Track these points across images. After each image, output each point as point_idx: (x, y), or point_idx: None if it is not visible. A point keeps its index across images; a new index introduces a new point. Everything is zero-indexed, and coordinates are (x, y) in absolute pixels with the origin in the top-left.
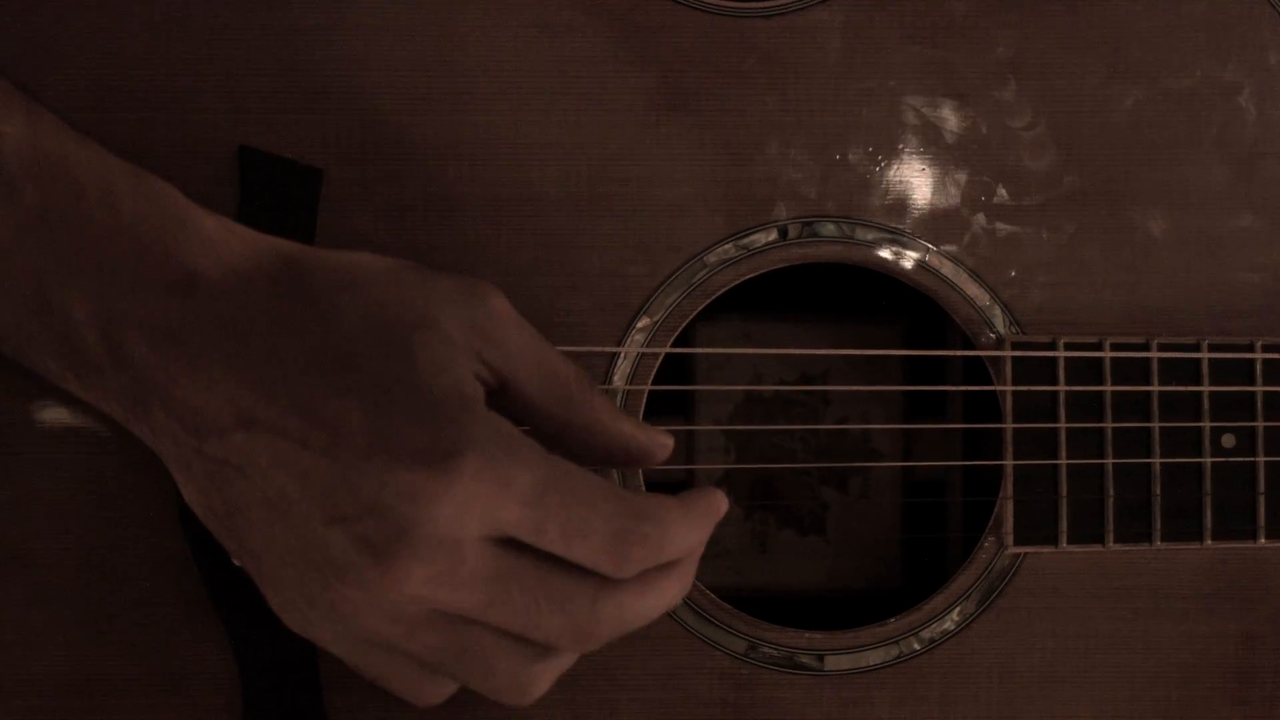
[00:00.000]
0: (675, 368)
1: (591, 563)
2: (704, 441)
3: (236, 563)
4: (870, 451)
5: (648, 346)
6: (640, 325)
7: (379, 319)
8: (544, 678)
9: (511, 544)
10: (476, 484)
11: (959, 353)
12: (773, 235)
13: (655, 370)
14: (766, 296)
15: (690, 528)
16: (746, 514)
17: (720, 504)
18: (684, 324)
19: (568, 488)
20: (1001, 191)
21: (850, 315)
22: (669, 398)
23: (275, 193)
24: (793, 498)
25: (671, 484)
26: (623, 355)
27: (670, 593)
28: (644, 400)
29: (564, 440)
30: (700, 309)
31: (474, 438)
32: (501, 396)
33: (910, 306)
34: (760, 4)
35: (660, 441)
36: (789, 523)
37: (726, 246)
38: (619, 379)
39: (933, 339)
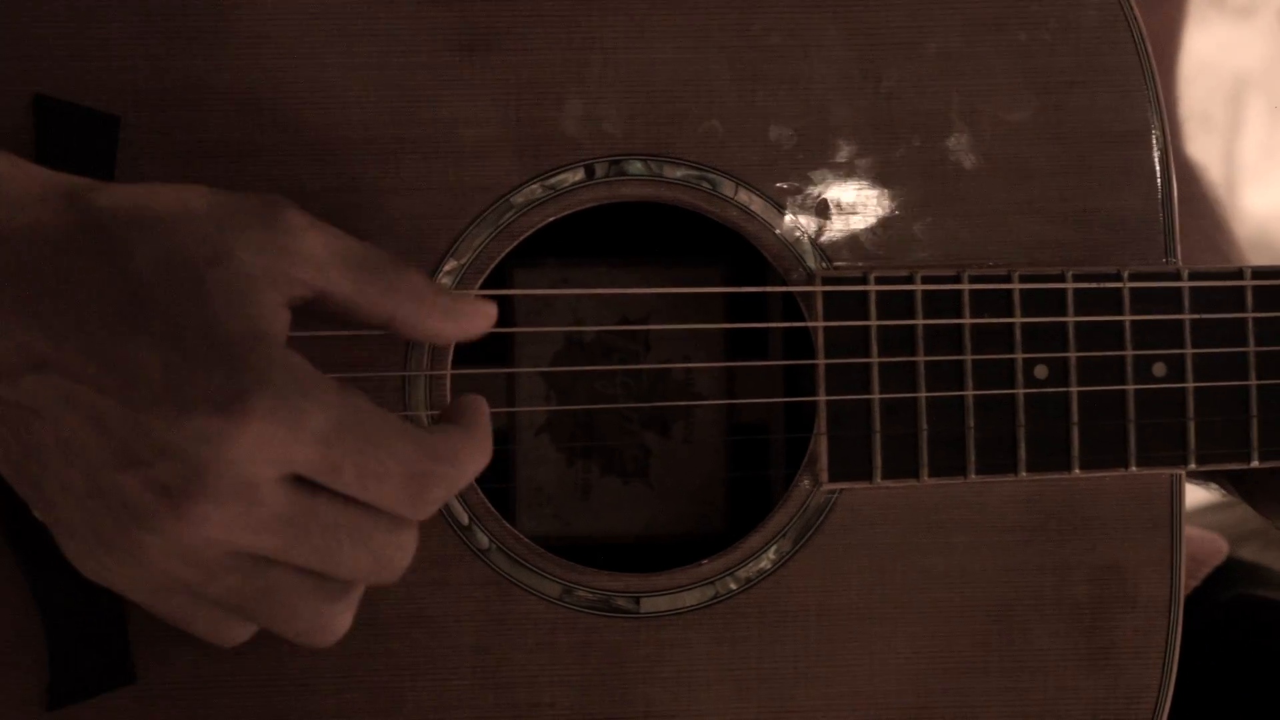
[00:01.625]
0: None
1: (389, 505)
2: (524, 386)
3: (36, 514)
4: (693, 393)
5: (456, 289)
6: (448, 268)
7: (170, 257)
8: (346, 615)
9: (309, 484)
10: (270, 425)
11: (766, 289)
12: (580, 174)
13: None
14: (586, 239)
15: (480, 453)
16: (569, 460)
17: (485, 409)
18: (492, 265)
19: (363, 428)
20: (811, 126)
21: (671, 255)
22: (486, 342)
23: (72, 142)
24: (615, 442)
25: (492, 431)
26: None
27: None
28: (452, 347)
29: (394, 327)
30: (509, 250)
31: (268, 379)
32: (322, 304)
33: (731, 244)
34: None
35: (484, 310)
36: (611, 469)
37: (533, 187)
38: None
39: (755, 276)
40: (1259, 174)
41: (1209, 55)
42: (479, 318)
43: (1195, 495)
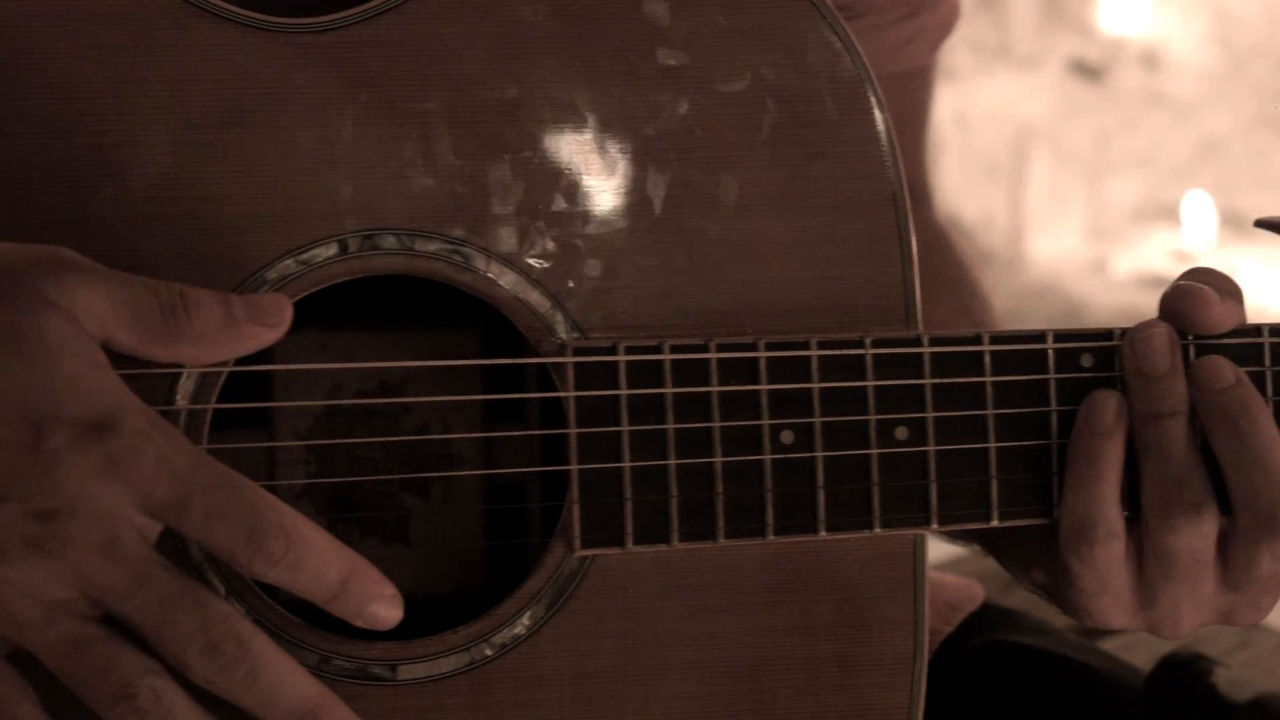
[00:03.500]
0: (254, 383)
1: (228, 548)
2: (284, 456)
3: None
4: (451, 459)
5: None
6: None
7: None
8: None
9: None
10: (133, 460)
11: (516, 360)
12: (333, 249)
13: (219, 387)
14: (348, 306)
15: (331, 557)
16: (330, 525)
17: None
18: None
19: (218, 474)
20: (560, 199)
21: (432, 322)
22: (247, 414)
23: None
24: (375, 508)
25: None
26: (185, 374)
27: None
28: (208, 418)
29: (181, 363)
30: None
31: (126, 419)
32: (109, 350)
33: (490, 313)
34: (313, 20)
35: (274, 320)
36: (372, 532)
37: (287, 262)
38: (182, 398)
39: (515, 343)
40: (1045, 222)
41: (995, 106)
42: (265, 334)
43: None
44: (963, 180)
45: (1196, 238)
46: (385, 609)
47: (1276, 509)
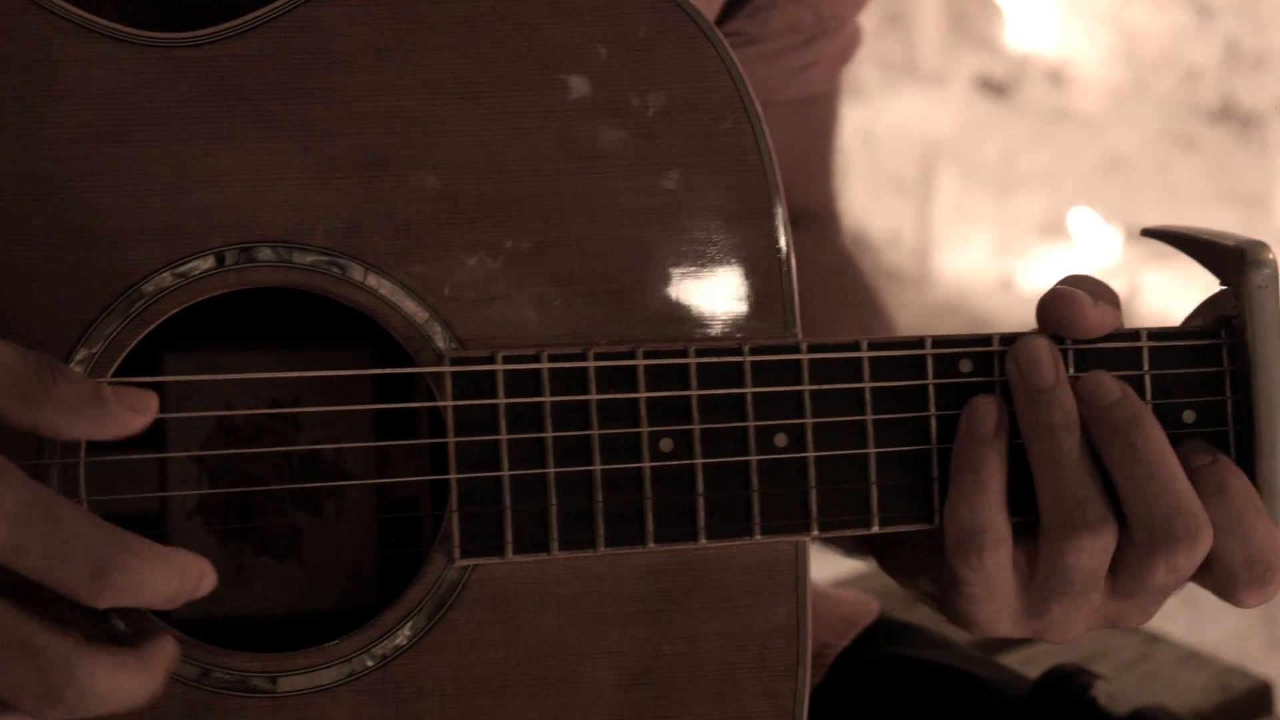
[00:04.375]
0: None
1: (70, 585)
2: (176, 471)
3: None
4: (343, 472)
5: (89, 377)
6: (79, 357)
7: None
8: None
9: None
10: None
11: (393, 370)
12: (210, 262)
13: None
14: (238, 320)
15: (170, 570)
16: (222, 542)
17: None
18: (124, 354)
19: (52, 511)
20: (437, 210)
21: (323, 336)
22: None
23: None
24: (267, 522)
25: (143, 515)
26: None
27: (142, 681)
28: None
29: (40, 433)
30: (141, 338)
31: None
32: None
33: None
34: (188, 34)
35: (137, 411)
36: (265, 549)
37: (164, 275)
38: None
39: (406, 356)
40: (952, 238)
41: (902, 123)
42: (131, 419)
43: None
44: (870, 197)
45: (1090, 253)
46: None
47: (1172, 522)
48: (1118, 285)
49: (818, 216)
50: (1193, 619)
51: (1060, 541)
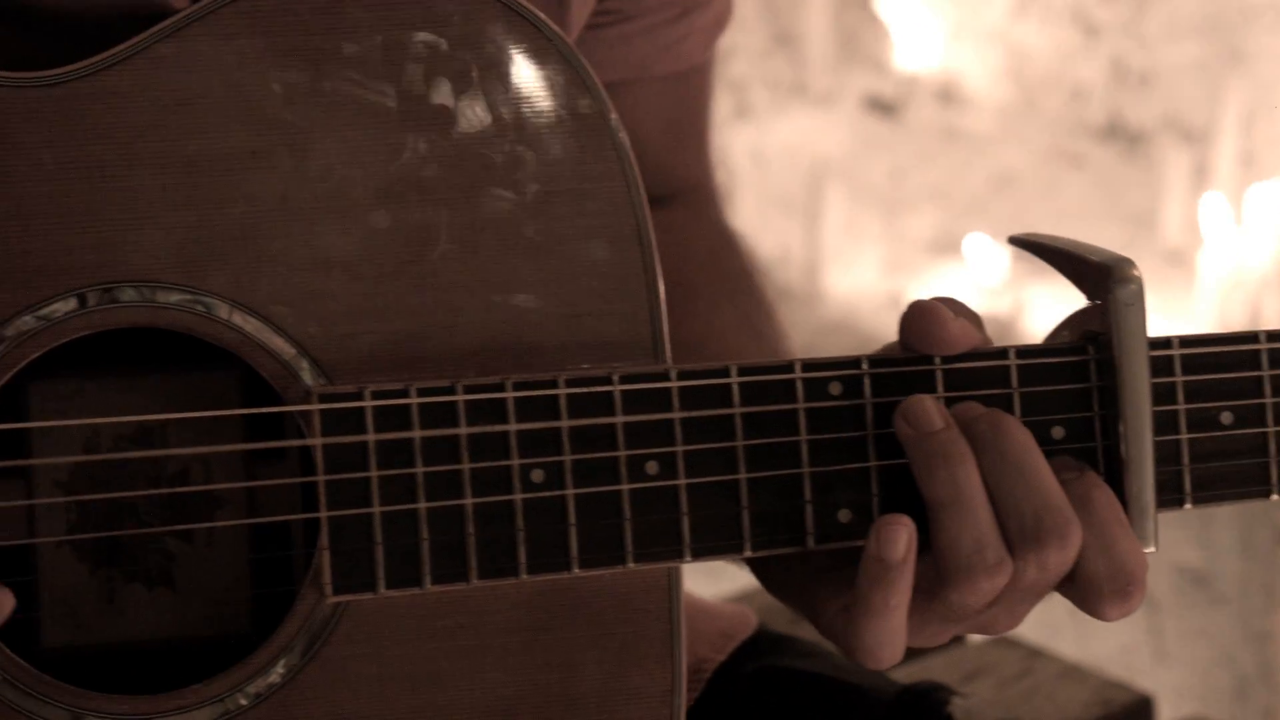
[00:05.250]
0: (10, 438)
1: None
2: (44, 508)
3: None
4: (213, 506)
5: None
6: None
7: None
8: None
9: None
10: None
11: (257, 410)
12: (72, 304)
13: None
14: (108, 352)
15: None
16: (92, 571)
17: None
18: None
19: None
20: (300, 245)
21: (193, 370)
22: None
23: None
24: (138, 557)
25: (12, 553)
26: None
27: None
28: None
29: None
30: (5, 381)
31: None
32: None
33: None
34: (41, 74)
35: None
36: (135, 577)
37: (25, 319)
38: None
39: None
40: (841, 257)
41: (791, 143)
42: None
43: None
44: (759, 217)
45: (979, 271)
46: None
47: (1041, 518)
48: (1005, 303)
49: (696, 189)
50: (1080, 633)
51: (960, 586)
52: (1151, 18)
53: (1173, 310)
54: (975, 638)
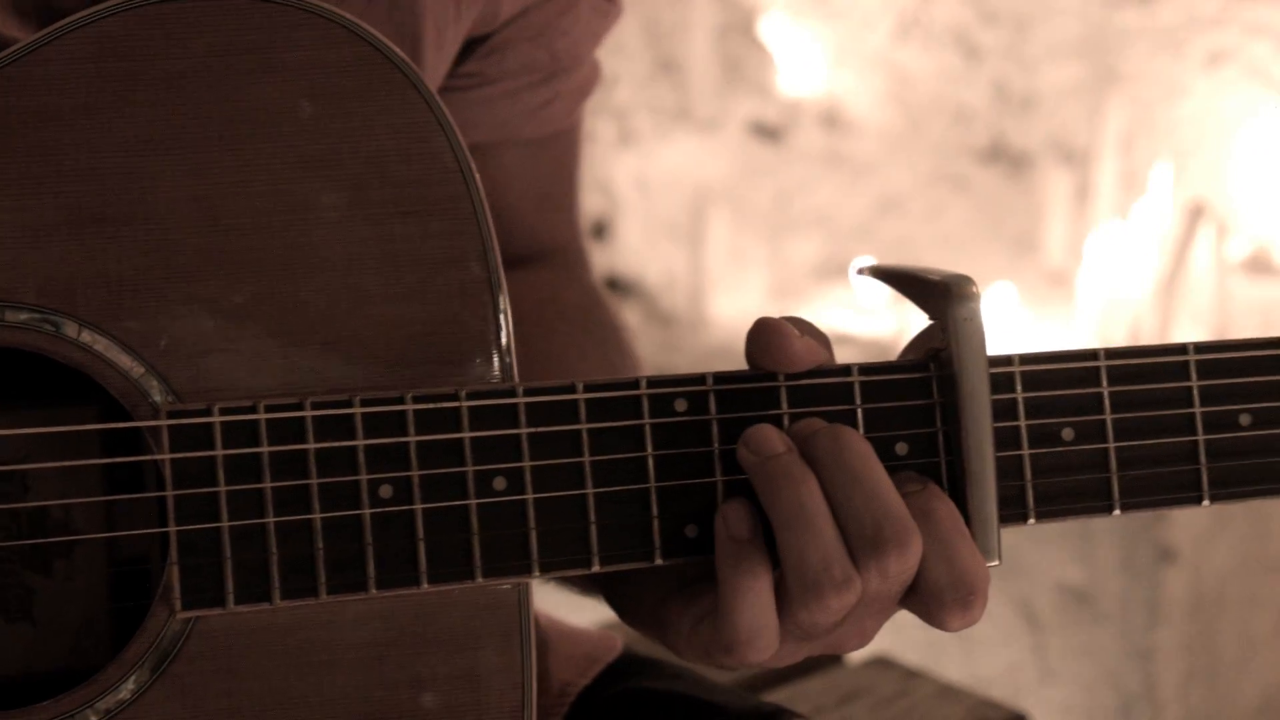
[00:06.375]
0: None
1: None
2: None
3: None
4: (72, 530)
5: None
6: None
7: None
8: None
9: None
10: None
11: (103, 426)
12: None
13: None
14: None
15: None
16: None
17: None
18: None
19: None
20: (152, 263)
21: (48, 392)
22: None
23: None
24: None
25: None
26: None
27: None
28: None
29: None
30: None
31: None
32: None
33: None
34: None
35: None
36: None
37: None
38: None
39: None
40: (726, 282)
41: (675, 169)
42: None
43: None
44: (644, 242)
45: (863, 294)
46: None
47: (881, 525)
48: (890, 324)
49: (563, 251)
50: (965, 654)
51: (809, 604)
52: (1032, 41)
53: (1054, 330)
54: (853, 658)
